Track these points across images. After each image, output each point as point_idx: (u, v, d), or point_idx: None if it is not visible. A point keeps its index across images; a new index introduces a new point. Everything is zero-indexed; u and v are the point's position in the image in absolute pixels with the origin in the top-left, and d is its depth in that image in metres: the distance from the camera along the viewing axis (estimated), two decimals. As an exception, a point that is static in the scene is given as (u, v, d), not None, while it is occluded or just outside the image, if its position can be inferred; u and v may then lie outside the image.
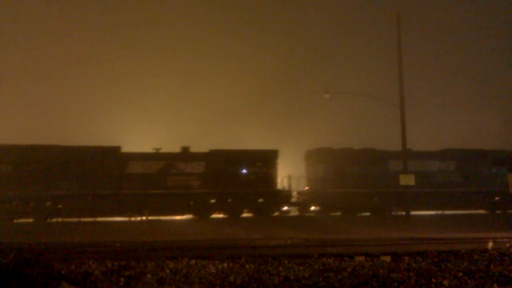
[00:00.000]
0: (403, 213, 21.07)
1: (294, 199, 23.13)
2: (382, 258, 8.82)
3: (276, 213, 22.29)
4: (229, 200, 21.83)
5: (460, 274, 7.43)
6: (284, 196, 22.51)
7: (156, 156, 21.77)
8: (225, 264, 8.09)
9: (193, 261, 8.34)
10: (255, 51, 50.53)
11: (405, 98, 21.43)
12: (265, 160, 22.47)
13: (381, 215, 22.82)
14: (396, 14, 21.85)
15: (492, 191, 24.75)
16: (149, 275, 7.08)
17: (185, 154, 22.13)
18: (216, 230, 15.50)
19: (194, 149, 22.75)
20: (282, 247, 10.60)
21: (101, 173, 21.12)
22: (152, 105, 45.18)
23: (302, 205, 22.96)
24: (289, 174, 23.00)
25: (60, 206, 20.36)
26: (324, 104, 37.85)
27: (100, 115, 41.56)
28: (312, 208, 23.11)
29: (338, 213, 23.13)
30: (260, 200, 22.13)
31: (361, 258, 8.77)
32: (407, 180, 20.77)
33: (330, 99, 22.30)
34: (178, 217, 21.71)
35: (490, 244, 10.26)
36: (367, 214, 23.47)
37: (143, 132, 35.62)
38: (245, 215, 22.08)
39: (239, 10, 50.09)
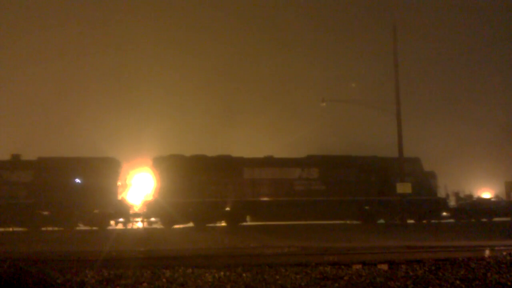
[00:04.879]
0: None
1: (136, 210, 21.69)
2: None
3: (113, 226, 20.91)
4: (61, 211, 20.43)
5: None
6: (123, 208, 21.10)
7: (-20, 165, 20.45)
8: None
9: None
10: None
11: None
12: (103, 169, 21.07)
13: (234, 225, 21.31)
14: (392, 24, 21.23)
15: (361, 200, 23.27)
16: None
17: (13, 162, 20.78)
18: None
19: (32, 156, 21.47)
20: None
21: None
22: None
23: (143, 216, 21.53)
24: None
25: None
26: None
27: None
28: (153, 219, 21.68)
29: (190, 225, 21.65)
30: (95, 211, 20.73)
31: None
32: (404, 188, 20.16)
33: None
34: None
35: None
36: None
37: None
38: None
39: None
